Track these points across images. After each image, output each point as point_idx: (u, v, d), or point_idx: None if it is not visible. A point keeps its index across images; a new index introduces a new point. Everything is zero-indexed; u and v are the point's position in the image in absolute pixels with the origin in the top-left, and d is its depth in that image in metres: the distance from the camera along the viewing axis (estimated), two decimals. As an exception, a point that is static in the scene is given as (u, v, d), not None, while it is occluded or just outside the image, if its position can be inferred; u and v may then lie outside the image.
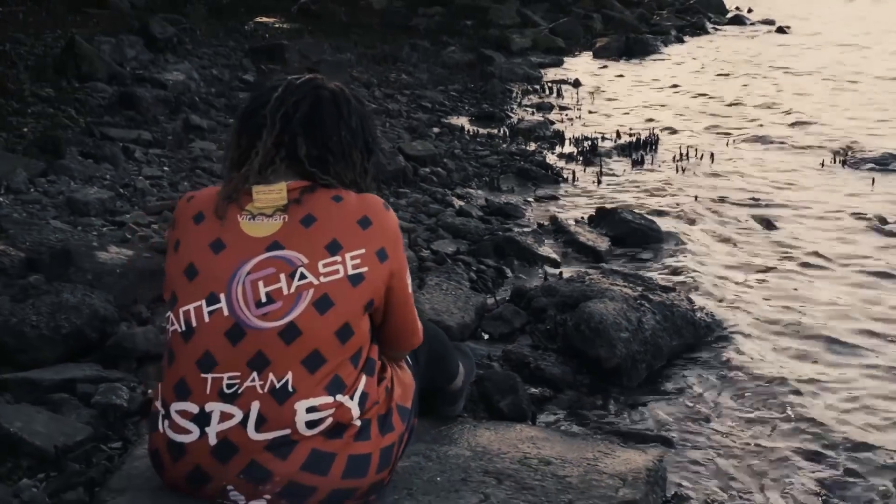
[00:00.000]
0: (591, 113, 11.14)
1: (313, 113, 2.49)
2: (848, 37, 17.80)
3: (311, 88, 2.53)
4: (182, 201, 2.55)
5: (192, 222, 2.45)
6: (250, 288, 2.34)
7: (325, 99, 2.52)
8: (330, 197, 2.44)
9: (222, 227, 2.41)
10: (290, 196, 2.41)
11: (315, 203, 2.41)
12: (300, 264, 2.35)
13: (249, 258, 2.36)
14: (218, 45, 12.99)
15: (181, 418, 2.37)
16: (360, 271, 2.37)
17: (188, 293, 2.38)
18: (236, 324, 2.32)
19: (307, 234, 2.37)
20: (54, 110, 8.14)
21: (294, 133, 2.46)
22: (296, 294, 2.33)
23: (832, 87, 12.77)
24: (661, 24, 19.54)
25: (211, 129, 8.25)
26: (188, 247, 2.42)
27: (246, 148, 2.49)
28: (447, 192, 7.32)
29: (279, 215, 2.40)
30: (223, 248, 2.39)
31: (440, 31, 16.57)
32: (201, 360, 2.34)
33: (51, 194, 5.89)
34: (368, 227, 2.41)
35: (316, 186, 2.46)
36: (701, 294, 5.38)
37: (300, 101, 2.49)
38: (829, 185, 8.08)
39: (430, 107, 10.72)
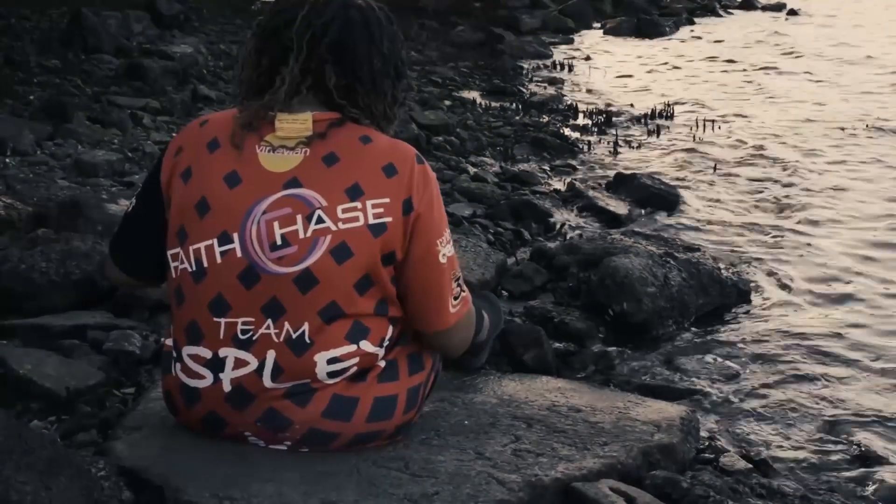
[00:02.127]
0: (604, 88, 10.99)
1: (343, 37, 2.28)
2: (861, 21, 17.62)
3: (339, 7, 2.32)
4: (194, 124, 2.37)
5: (205, 150, 2.27)
6: (265, 228, 2.17)
7: (355, 21, 2.31)
8: (358, 136, 2.26)
9: (239, 158, 2.23)
10: (315, 128, 2.23)
11: (341, 141, 2.23)
12: (318, 206, 2.17)
13: (266, 195, 2.19)
14: (225, 24, 12.87)
15: (194, 363, 2.23)
16: (383, 221, 2.19)
17: (199, 230, 2.22)
18: (250, 266, 2.17)
19: (328, 174, 2.20)
20: (60, 80, 8.02)
21: (322, 59, 2.26)
22: (312, 238, 2.16)
23: (846, 67, 12.61)
24: (672, 7, 19.36)
25: (220, 100, 8.12)
26: (201, 178, 2.24)
27: (267, 70, 2.31)
28: (461, 159, 7.19)
29: (301, 148, 2.22)
30: (239, 182, 2.22)
31: (449, 12, 16.41)
32: (213, 304, 2.19)
33: (58, 156, 5.78)
34: (393, 175, 2.22)
35: (344, 121, 2.27)
36: (725, 255, 5.25)
37: (329, 22, 2.28)
38: (850, 150, 7.95)
39: (440, 81, 10.59)
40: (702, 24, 17.65)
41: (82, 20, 9.45)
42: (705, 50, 14.23)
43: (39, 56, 8.77)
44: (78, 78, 8.12)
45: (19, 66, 8.31)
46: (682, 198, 6.39)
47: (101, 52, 9.14)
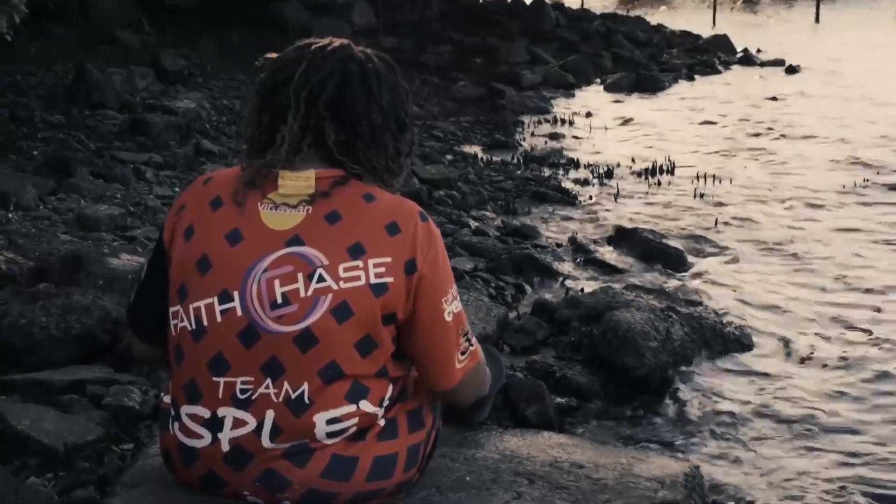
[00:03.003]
0: (605, 143, 11.05)
1: (341, 93, 2.27)
2: (861, 75, 17.76)
3: (337, 62, 2.31)
4: (198, 182, 2.35)
5: (208, 207, 2.25)
6: (266, 287, 2.15)
7: (352, 75, 2.29)
8: (361, 194, 2.24)
9: (241, 215, 2.22)
10: (318, 185, 2.21)
11: (343, 199, 2.21)
12: (319, 265, 2.15)
13: (267, 253, 2.17)
14: (228, 79, 12.97)
15: (192, 422, 2.20)
16: (384, 281, 2.16)
17: (200, 288, 2.20)
18: (250, 325, 2.14)
19: (330, 232, 2.18)
20: (65, 135, 8.08)
21: (321, 116, 2.24)
22: (313, 297, 2.14)
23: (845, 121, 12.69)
24: (671, 63, 19.53)
25: (222, 155, 8.17)
26: (203, 235, 2.23)
27: (268, 128, 2.30)
28: (462, 213, 7.21)
29: (303, 206, 2.20)
30: (240, 239, 2.20)
31: (450, 68, 16.56)
32: (213, 363, 2.17)
33: (60, 211, 5.80)
34: (396, 234, 2.19)
35: (348, 178, 2.25)
36: (727, 310, 5.24)
37: (326, 78, 2.27)
38: (850, 204, 7.97)
39: (441, 136, 10.65)
40: (701, 80, 17.80)
41: (87, 76, 9.53)
42: (705, 105, 14.33)
43: (44, 111, 8.84)
44: (82, 133, 8.18)
45: (24, 121, 8.38)
46: (684, 252, 6.39)
47: (106, 108, 9.22)
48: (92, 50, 13.45)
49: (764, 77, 18.02)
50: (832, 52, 21.73)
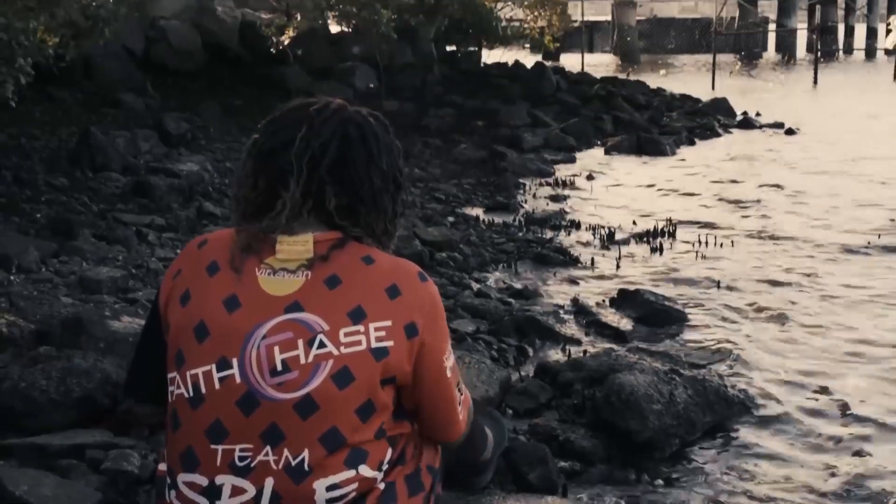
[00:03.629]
0: (606, 205, 11.08)
1: (343, 157, 2.24)
2: (860, 138, 17.87)
3: (337, 124, 2.29)
4: (192, 246, 2.32)
5: (204, 273, 2.22)
6: (265, 353, 2.12)
7: (353, 138, 2.28)
8: (360, 257, 2.22)
9: (238, 281, 2.19)
10: (317, 249, 2.19)
11: (343, 262, 2.20)
12: (320, 331, 2.13)
13: (266, 320, 2.15)
14: (231, 142, 13.05)
15: (190, 490, 2.17)
16: (385, 345, 2.14)
17: (197, 355, 2.17)
18: (249, 392, 2.11)
19: (330, 298, 2.16)
20: (67, 198, 8.11)
21: (322, 182, 2.24)
22: (314, 364, 2.11)
23: (845, 183, 12.74)
24: (672, 126, 19.63)
25: (225, 217, 8.18)
26: (199, 302, 2.20)
27: (265, 191, 2.27)
28: (464, 275, 7.21)
29: (302, 271, 2.17)
30: (238, 306, 2.17)
31: (452, 131, 16.67)
32: (211, 430, 2.14)
33: (62, 273, 5.80)
34: (397, 297, 2.17)
35: (346, 241, 2.24)
36: (731, 372, 5.21)
37: (328, 142, 2.25)
38: (852, 267, 7.98)
39: (443, 198, 10.69)
40: (702, 143, 17.89)
41: (91, 139, 9.61)
42: (706, 168, 14.38)
43: (48, 174, 8.89)
44: (85, 195, 8.21)
45: (27, 184, 8.42)
46: (687, 314, 6.38)
47: (109, 170, 9.27)
48: (96, 113, 13.56)
49: (764, 140, 18.12)
50: (831, 115, 21.91)
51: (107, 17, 10.23)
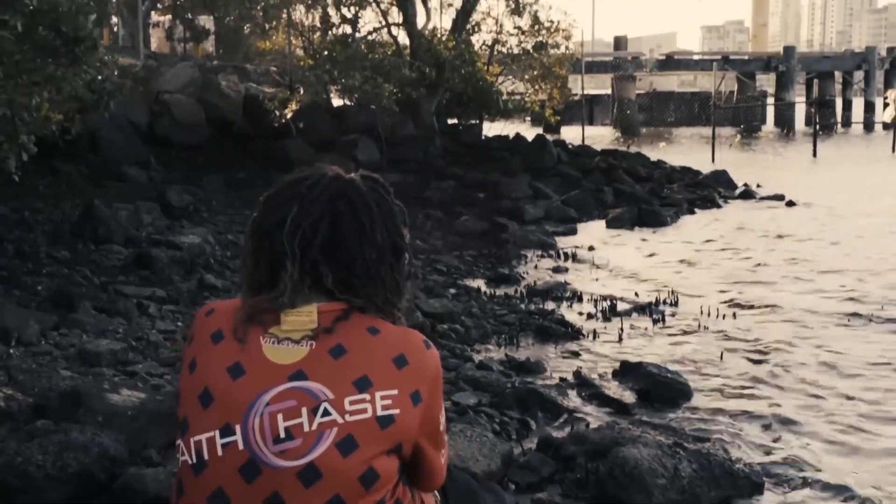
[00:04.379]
0: (608, 276, 11.07)
1: (333, 235, 2.26)
2: (859, 210, 17.95)
3: (327, 202, 2.30)
4: (200, 314, 2.34)
5: (210, 341, 2.23)
6: (269, 421, 2.11)
7: (343, 214, 2.28)
8: (366, 327, 2.22)
9: (242, 350, 2.19)
10: (321, 320, 2.19)
11: (348, 333, 2.19)
12: (324, 399, 2.12)
13: (270, 387, 2.14)
14: (233, 214, 13.11)
15: (194, 557, 2.14)
16: (391, 413, 2.13)
17: (201, 421, 2.16)
18: (252, 459, 2.10)
19: (335, 367, 2.15)
20: (69, 270, 8.12)
21: (316, 261, 2.25)
22: (317, 432, 2.10)
23: (846, 254, 12.76)
24: (672, 197, 19.71)
25: (226, 289, 8.19)
26: (205, 369, 2.20)
27: (265, 268, 2.29)
28: (466, 347, 7.18)
29: (307, 342, 2.18)
30: (242, 373, 2.17)
31: (453, 202, 16.75)
32: (213, 498, 2.12)
33: (62, 346, 5.77)
34: (404, 366, 2.17)
35: (350, 312, 2.23)
36: (736, 447, 5.15)
37: (318, 221, 2.26)
38: (855, 338, 7.94)
39: (445, 270, 10.69)
40: (702, 214, 17.96)
41: (94, 212, 9.65)
42: (707, 239, 14.42)
43: (50, 247, 8.91)
44: (86, 268, 8.22)
45: (29, 256, 8.43)
46: (690, 386, 6.33)
47: (111, 243, 9.29)
48: (100, 186, 13.66)
49: (764, 212, 18.18)
50: (831, 187, 22.02)
51: (112, 90, 10.33)
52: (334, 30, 23.20)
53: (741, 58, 60.97)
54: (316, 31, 23.37)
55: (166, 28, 33.07)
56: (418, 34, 22.72)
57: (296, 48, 24.63)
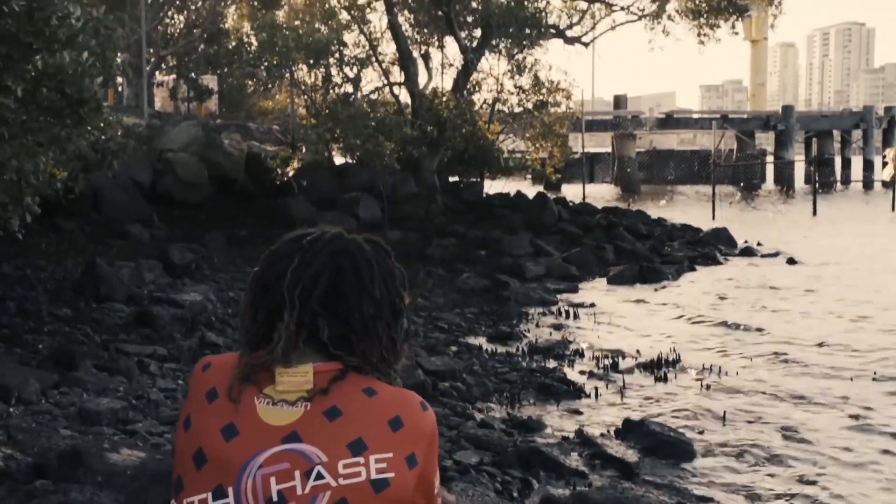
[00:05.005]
0: (609, 333, 11.06)
1: (333, 288, 2.28)
2: (860, 267, 17.97)
3: (328, 256, 2.32)
4: (198, 369, 2.33)
5: (204, 399, 2.23)
6: (261, 483, 2.10)
7: (344, 268, 2.31)
8: (361, 388, 2.22)
9: (236, 410, 2.19)
10: (316, 381, 2.20)
11: (343, 394, 2.20)
12: (318, 462, 2.11)
13: (263, 449, 2.14)
14: (235, 271, 13.13)
15: None
16: (385, 476, 2.13)
17: (195, 483, 2.15)
18: (243, 523, 2.10)
19: (330, 429, 2.15)
20: (70, 328, 8.11)
21: (314, 313, 2.27)
22: (310, 495, 2.09)
23: (847, 314, 12.74)
24: (673, 255, 19.74)
25: (227, 346, 8.18)
26: (199, 428, 2.20)
27: (263, 323, 2.30)
28: (467, 406, 7.15)
29: (302, 403, 2.18)
30: (236, 434, 2.16)
31: (455, 260, 16.77)
32: (205, 560, 2.11)
33: (62, 405, 5.75)
34: (400, 428, 2.17)
35: (346, 372, 2.24)
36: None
37: (318, 273, 2.28)
38: (861, 398, 7.91)
39: (446, 327, 10.69)
40: (704, 272, 17.97)
41: (96, 270, 9.67)
42: (708, 296, 14.42)
43: (51, 305, 8.91)
44: (88, 326, 8.22)
45: (31, 315, 8.43)
46: (693, 445, 6.29)
47: (113, 301, 9.30)
48: (102, 244, 13.69)
49: (765, 269, 18.20)
50: (831, 245, 22.06)
51: (116, 150, 10.41)
52: (336, 89, 23.43)
53: (740, 116, 61.43)
54: (318, 90, 23.59)
55: (170, 87, 33.42)
56: (420, 93, 22.93)
57: (298, 107, 24.86)
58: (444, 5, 22.42)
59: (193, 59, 32.07)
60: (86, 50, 7.36)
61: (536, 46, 25.00)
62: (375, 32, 24.56)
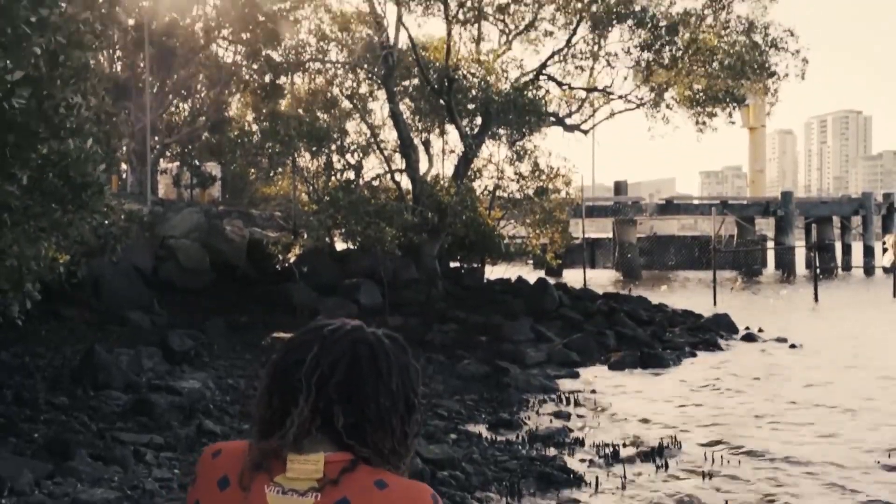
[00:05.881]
0: (610, 421, 10.97)
1: (351, 376, 2.29)
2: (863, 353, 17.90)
3: (348, 344, 2.34)
4: (206, 455, 2.32)
5: (216, 488, 2.22)
6: (272, 572, 2.10)
7: (363, 358, 2.32)
8: (373, 481, 2.21)
9: (247, 498, 2.19)
10: (327, 471, 2.19)
11: (354, 486, 2.19)
12: (328, 551, 2.11)
13: (274, 539, 2.13)
14: (235, 358, 13.10)
15: None
16: None
17: None
18: None
19: None
20: (67, 417, 8.06)
21: (330, 400, 2.26)
22: (320, 584, 2.08)
23: (850, 400, 12.66)
24: (674, 341, 19.70)
25: (224, 435, 8.12)
26: None
27: (278, 408, 2.30)
28: (466, 495, 7.06)
29: (312, 494, 2.17)
30: None
31: (455, 346, 16.72)
32: None
33: (56, 496, 5.69)
34: None
35: (357, 462, 2.24)
36: None
37: (337, 361, 2.29)
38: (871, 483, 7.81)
39: (446, 415, 10.61)
40: (705, 358, 17.89)
41: (94, 357, 9.64)
42: (710, 383, 14.33)
43: (49, 393, 8.87)
44: (85, 414, 8.17)
45: (27, 403, 8.39)
46: (695, 536, 6.20)
47: (111, 388, 9.26)
48: (102, 331, 13.67)
49: (767, 355, 18.13)
50: (833, 331, 22.01)
51: (118, 235, 10.48)
52: (338, 175, 23.64)
53: (740, 202, 61.80)
54: (320, 177, 23.78)
55: (174, 175, 33.71)
56: (421, 180, 23.13)
57: (300, 193, 25.04)
58: (444, 94, 22.73)
59: (197, 146, 32.42)
60: (90, 137, 7.46)
61: (536, 133, 25.30)
62: (377, 120, 24.91)
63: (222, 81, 28.93)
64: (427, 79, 23.23)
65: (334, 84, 25.29)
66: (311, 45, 24.21)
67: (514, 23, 25.23)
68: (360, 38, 23.96)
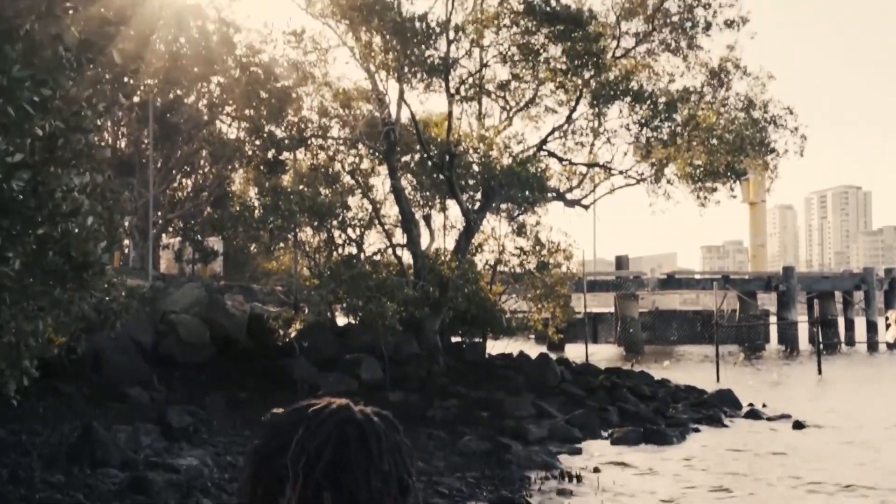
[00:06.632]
0: (614, 499, 10.82)
1: (339, 459, 2.24)
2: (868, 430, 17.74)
3: (334, 425, 2.28)
4: None
5: None
6: None
7: (351, 439, 2.26)
8: None
9: None
10: None
11: None
12: None
13: None
14: (234, 435, 12.98)
15: None
16: None
17: None
18: None
19: None
20: (62, 496, 7.96)
21: (319, 486, 2.21)
22: None
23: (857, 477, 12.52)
24: (677, 417, 19.56)
25: (222, 513, 8.00)
26: None
27: (262, 499, 2.26)
28: (467, 578, 6.92)
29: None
30: None
31: (456, 421, 16.59)
32: None
33: (49, 577, 5.58)
34: None
35: None
36: None
37: (323, 444, 2.23)
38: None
39: (446, 493, 10.48)
40: (709, 434, 17.74)
41: (92, 434, 9.56)
42: (713, 460, 14.19)
43: (45, 471, 8.77)
44: (80, 493, 8.07)
45: (23, 482, 8.29)
46: None
47: (108, 466, 9.16)
48: (101, 407, 13.56)
49: (771, 432, 17.97)
50: (838, 407, 21.83)
51: (119, 310, 10.45)
52: (340, 250, 23.70)
53: (742, 277, 61.84)
54: (322, 252, 23.84)
55: (175, 250, 33.81)
56: (422, 254, 23.18)
57: (302, 268, 25.06)
58: (445, 169, 22.89)
59: (199, 221, 32.56)
60: (91, 215, 7.46)
61: (537, 208, 25.42)
62: (378, 195, 25.04)
63: (225, 157, 29.18)
64: (428, 154, 23.42)
65: (336, 159, 25.48)
66: (314, 122, 24.45)
67: (515, 99, 25.50)
68: (361, 115, 24.18)
